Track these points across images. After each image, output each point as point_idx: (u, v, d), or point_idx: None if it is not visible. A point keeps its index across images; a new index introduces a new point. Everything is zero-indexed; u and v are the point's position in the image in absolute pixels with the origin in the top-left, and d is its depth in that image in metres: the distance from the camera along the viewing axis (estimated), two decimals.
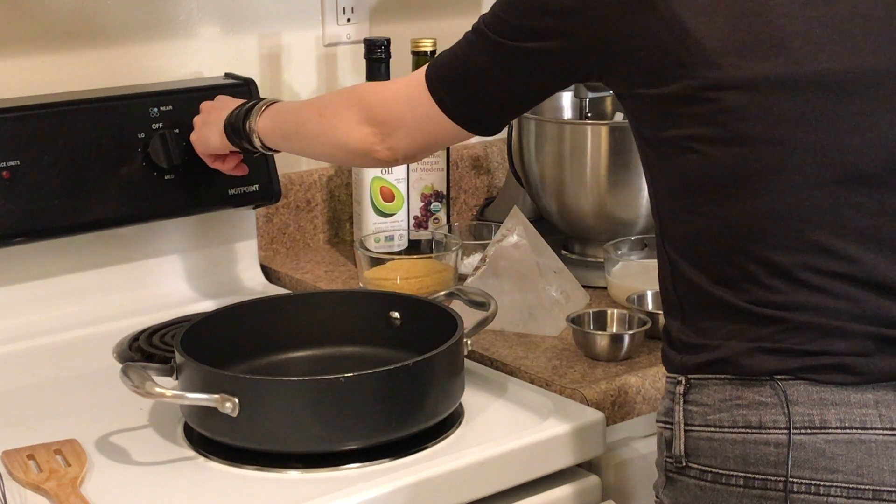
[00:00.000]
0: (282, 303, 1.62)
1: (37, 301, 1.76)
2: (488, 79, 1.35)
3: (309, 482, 1.34)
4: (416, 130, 1.42)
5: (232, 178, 1.80)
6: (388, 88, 1.49)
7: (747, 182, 1.21)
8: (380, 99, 1.46)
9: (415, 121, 1.41)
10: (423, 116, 1.40)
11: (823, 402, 1.20)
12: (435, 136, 1.43)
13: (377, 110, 1.45)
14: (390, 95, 1.46)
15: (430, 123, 1.40)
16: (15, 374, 1.64)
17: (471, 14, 2.19)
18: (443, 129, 1.40)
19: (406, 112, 1.42)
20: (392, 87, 1.48)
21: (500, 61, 1.33)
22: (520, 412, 1.49)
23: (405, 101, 1.42)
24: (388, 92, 1.47)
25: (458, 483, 1.36)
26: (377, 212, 1.92)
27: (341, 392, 1.34)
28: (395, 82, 1.49)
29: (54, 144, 1.70)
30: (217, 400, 1.33)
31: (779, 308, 1.21)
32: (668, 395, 1.29)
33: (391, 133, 1.44)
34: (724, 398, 1.23)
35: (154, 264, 1.85)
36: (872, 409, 1.19)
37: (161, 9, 1.89)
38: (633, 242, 1.85)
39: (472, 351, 1.57)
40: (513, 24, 1.31)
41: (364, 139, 1.45)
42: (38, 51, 1.81)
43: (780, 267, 1.21)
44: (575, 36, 1.27)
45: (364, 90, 1.53)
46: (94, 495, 1.31)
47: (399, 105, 1.43)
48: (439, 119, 1.39)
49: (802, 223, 1.20)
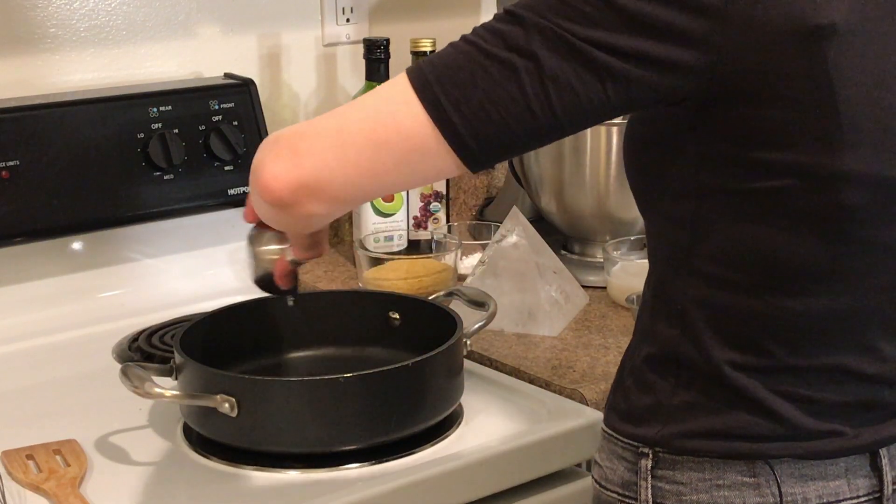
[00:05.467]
0: (281, 303, 1.62)
1: (37, 301, 1.76)
2: (520, 88, 1.03)
3: (309, 482, 1.34)
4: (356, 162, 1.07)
5: (232, 178, 1.81)
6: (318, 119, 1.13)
7: (832, 277, 1.10)
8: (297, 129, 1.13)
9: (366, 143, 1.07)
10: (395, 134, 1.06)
11: (804, 478, 1.13)
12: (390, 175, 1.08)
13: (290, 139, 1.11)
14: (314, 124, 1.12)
15: (397, 149, 1.06)
16: (15, 374, 1.64)
17: (471, 14, 2.20)
18: (417, 160, 1.07)
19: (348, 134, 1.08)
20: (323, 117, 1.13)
21: (557, 66, 1.02)
22: (519, 412, 1.49)
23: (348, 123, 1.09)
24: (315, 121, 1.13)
25: (458, 483, 1.36)
26: (377, 212, 1.92)
27: (341, 392, 1.34)
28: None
29: (54, 144, 1.70)
30: (216, 400, 1.33)
31: (795, 401, 1.12)
32: (625, 465, 1.18)
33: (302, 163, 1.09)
34: (702, 478, 1.14)
35: (154, 264, 1.85)
36: (843, 479, 1.15)
37: (161, 9, 1.89)
38: (633, 242, 1.85)
39: (472, 351, 1.58)
40: (604, 11, 1.02)
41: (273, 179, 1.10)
42: (38, 51, 1.81)
43: (820, 366, 1.12)
44: (713, 48, 1.02)
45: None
46: (94, 495, 1.31)
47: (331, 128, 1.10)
48: (415, 139, 1.06)
49: (864, 325, 1.12)
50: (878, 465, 1.16)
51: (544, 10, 1.03)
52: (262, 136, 1.86)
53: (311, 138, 1.09)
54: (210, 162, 1.82)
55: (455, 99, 1.03)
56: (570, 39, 1.02)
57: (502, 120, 1.03)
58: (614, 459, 1.19)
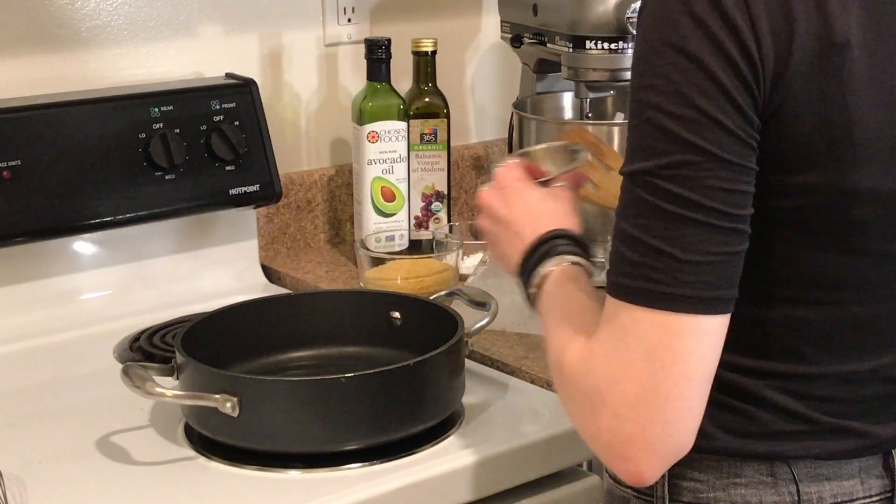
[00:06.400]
0: (282, 303, 1.62)
1: (37, 301, 1.76)
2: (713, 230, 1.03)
3: (309, 482, 1.34)
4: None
5: (233, 178, 1.80)
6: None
7: (845, 287, 1.11)
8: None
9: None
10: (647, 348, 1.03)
11: (820, 477, 1.14)
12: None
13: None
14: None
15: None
16: (15, 374, 1.64)
17: (471, 14, 2.20)
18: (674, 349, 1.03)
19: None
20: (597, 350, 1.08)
21: (717, 185, 1.02)
22: (520, 412, 1.49)
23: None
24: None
25: (458, 483, 1.36)
26: (378, 212, 1.92)
27: (341, 392, 1.34)
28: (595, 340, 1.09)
29: (55, 144, 1.70)
30: (217, 400, 1.33)
31: (810, 401, 1.13)
32: None
33: None
34: (719, 475, 1.14)
35: (154, 264, 1.85)
36: (856, 479, 1.15)
37: (161, 9, 1.89)
38: None
39: (473, 351, 1.57)
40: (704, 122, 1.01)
41: None
42: (38, 51, 1.81)
43: (833, 373, 1.12)
44: (760, 90, 1.03)
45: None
46: (95, 495, 1.31)
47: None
48: (686, 341, 1.03)
49: (879, 331, 1.13)
50: (891, 465, 1.16)
51: (644, 148, 1.03)
52: (264, 136, 1.86)
53: (635, 428, 1.04)
54: (211, 162, 1.81)
55: (671, 279, 1.02)
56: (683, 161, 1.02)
57: (714, 255, 1.03)
58: None
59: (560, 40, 1.86)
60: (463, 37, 2.20)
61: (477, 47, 2.22)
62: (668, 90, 1.02)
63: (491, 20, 2.17)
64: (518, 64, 2.08)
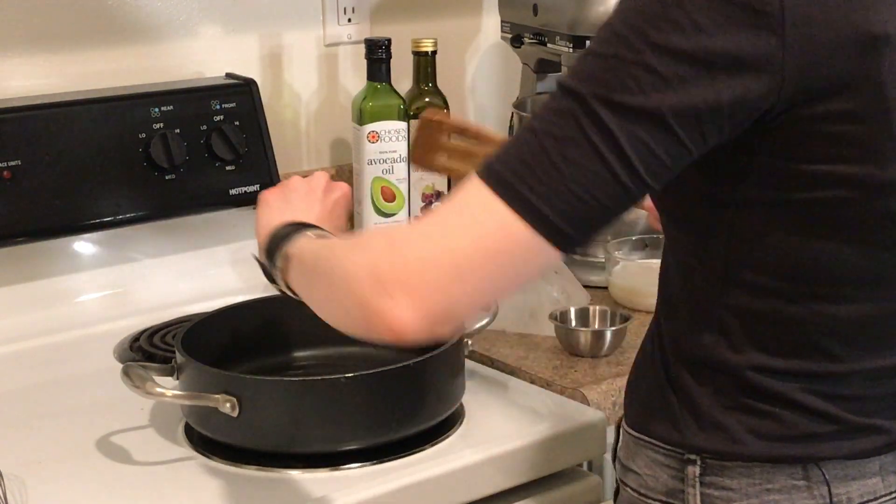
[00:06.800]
0: (282, 303, 1.61)
1: (37, 301, 1.76)
2: (604, 165, 0.99)
3: (309, 482, 1.34)
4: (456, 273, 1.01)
5: (233, 178, 1.80)
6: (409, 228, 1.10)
7: (877, 283, 1.10)
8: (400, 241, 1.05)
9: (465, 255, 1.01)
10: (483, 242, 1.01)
11: (847, 478, 1.14)
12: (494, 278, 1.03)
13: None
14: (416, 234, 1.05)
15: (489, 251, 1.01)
16: (15, 374, 1.64)
17: (471, 14, 2.20)
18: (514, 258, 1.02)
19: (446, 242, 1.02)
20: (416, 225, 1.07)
21: (633, 134, 0.99)
22: (520, 412, 1.49)
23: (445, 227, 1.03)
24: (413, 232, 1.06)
25: (458, 483, 1.36)
26: (378, 212, 1.92)
27: (341, 392, 1.34)
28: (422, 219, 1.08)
29: (55, 144, 1.70)
30: (218, 400, 1.33)
31: (837, 401, 1.13)
32: (669, 473, 1.16)
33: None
34: (752, 482, 1.13)
35: (155, 264, 1.85)
36: (878, 477, 1.15)
37: (162, 9, 1.89)
38: (634, 242, 1.85)
39: (473, 351, 1.57)
40: (663, 60, 0.98)
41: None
42: (38, 51, 1.81)
43: (862, 370, 1.12)
44: (777, 69, 0.99)
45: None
46: (95, 495, 1.31)
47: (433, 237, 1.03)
48: (514, 244, 1.01)
49: None
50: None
51: (602, 79, 0.99)
52: (264, 136, 1.86)
53: (422, 271, 1.01)
54: (211, 162, 1.81)
55: (543, 193, 0.99)
56: (636, 105, 0.98)
57: (595, 200, 0.99)
58: (655, 467, 1.17)
59: (560, 40, 1.86)
60: (463, 37, 2.20)
61: (477, 47, 2.22)
62: (658, 41, 0.98)
63: (491, 20, 2.17)
64: (518, 64, 2.08)
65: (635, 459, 1.20)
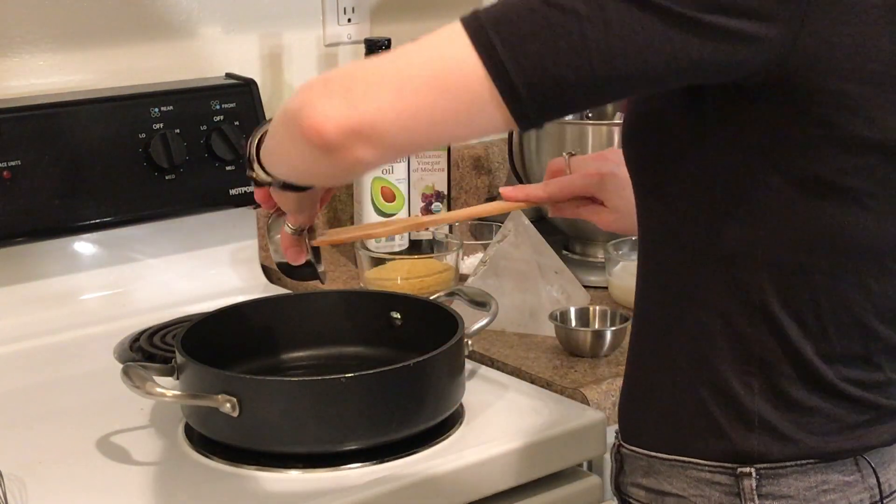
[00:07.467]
0: (282, 303, 1.62)
1: (37, 301, 1.76)
2: (581, 36, 0.96)
3: (309, 482, 1.34)
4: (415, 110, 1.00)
5: (234, 178, 1.80)
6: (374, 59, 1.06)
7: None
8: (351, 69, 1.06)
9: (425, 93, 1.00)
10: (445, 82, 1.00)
11: (885, 464, 1.13)
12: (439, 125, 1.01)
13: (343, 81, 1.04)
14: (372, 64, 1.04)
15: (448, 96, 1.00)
16: (15, 374, 1.64)
17: None
18: (467, 111, 1.00)
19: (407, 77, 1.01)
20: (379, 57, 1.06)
21: (626, 13, 0.95)
22: (520, 412, 1.48)
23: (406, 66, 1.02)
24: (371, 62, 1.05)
25: (458, 483, 1.36)
26: (378, 212, 1.92)
27: (341, 392, 1.34)
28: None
29: (55, 144, 1.70)
30: (218, 400, 1.33)
31: (877, 393, 1.12)
32: (720, 490, 1.11)
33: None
34: (808, 486, 1.10)
35: (155, 264, 1.85)
36: None
37: (162, 9, 1.89)
38: (634, 242, 1.85)
39: (473, 351, 1.57)
40: None
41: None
42: (38, 51, 1.81)
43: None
44: (794, 19, 0.98)
45: None
46: (95, 495, 1.31)
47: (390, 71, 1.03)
48: (469, 87, 0.99)
49: None
50: None
51: None
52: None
53: (366, 81, 1.01)
54: (211, 162, 1.81)
55: (511, 46, 0.96)
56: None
57: (559, 71, 0.96)
58: (702, 486, 1.12)
59: None
60: None
61: None
62: None
63: None
64: None
65: (672, 482, 1.14)
